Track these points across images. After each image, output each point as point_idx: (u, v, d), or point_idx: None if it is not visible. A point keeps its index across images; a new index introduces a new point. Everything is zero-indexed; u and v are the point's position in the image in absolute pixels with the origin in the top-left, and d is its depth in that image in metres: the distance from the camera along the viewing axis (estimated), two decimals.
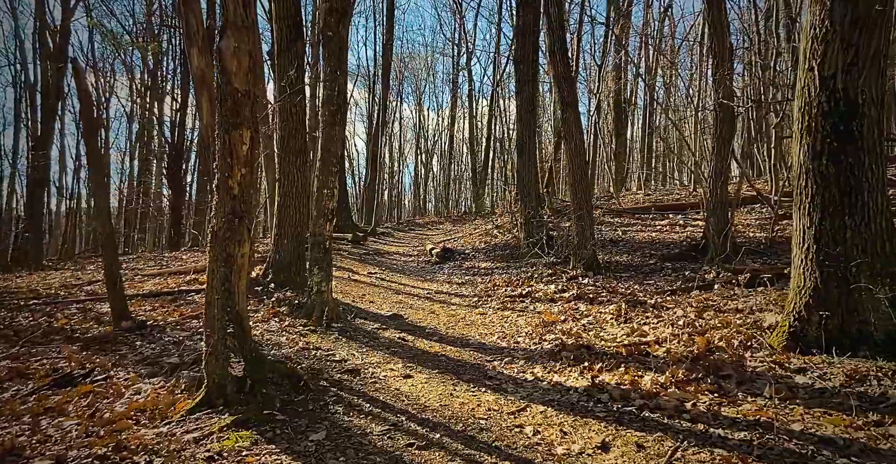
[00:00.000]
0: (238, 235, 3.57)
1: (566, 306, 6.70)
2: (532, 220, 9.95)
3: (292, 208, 7.74)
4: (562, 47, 8.15)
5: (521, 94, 11.41)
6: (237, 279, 3.59)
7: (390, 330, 6.17)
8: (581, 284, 7.72)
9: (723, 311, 5.35)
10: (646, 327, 5.21)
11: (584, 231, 8.21)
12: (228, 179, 3.54)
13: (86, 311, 6.79)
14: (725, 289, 6.11)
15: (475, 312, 7.25)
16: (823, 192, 3.86)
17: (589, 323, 5.82)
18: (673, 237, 9.78)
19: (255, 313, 6.12)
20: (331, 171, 6.10)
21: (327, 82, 6.10)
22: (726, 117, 7.43)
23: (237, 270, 3.58)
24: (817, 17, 3.86)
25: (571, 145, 8.22)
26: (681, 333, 4.61)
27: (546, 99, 29.75)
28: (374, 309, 7.39)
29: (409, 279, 10.35)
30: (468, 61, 30.93)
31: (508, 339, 5.74)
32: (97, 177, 5.49)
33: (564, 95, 8.16)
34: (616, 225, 11.84)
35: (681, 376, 3.61)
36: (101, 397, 3.55)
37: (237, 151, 3.56)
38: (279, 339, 5.18)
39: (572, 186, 8.37)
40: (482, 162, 28.82)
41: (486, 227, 17.36)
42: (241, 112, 3.56)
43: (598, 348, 4.76)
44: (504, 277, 9.21)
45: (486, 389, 4.07)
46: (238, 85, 3.52)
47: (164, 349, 4.72)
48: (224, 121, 3.52)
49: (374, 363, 4.71)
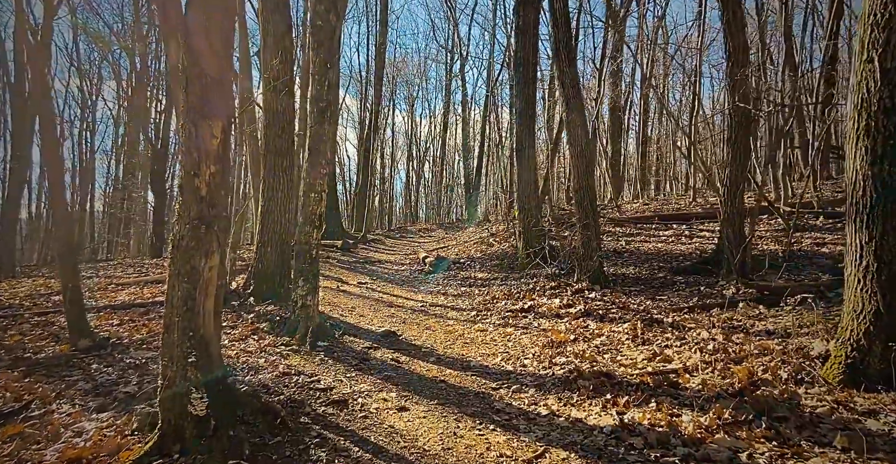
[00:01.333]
0: (205, 245, 2.99)
1: (574, 324, 6.16)
2: (532, 228, 9.42)
3: (277, 214, 7.16)
4: (568, 44, 7.67)
5: (519, 97, 10.91)
6: (203, 297, 2.99)
7: (382, 349, 5.58)
8: (588, 298, 7.18)
9: (753, 333, 4.83)
10: (668, 351, 4.66)
11: (590, 241, 7.69)
12: (195, 177, 2.96)
13: (46, 325, 6.14)
14: (749, 307, 5.60)
15: (474, 328, 6.68)
16: (885, 201, 3.36)
17: (603, 344, 5.27)
18: (680, 249, 9.29)
19: (231, 330, 5.51)
20: (319, 173, 5.53)
21: (316, 77, 5.54)
22: (742, 122, 6.97)
23: (203, 287, 2.99)
24: (878, 1, 3.37)
25: (577, 149, 7.71)
26: (713, 361, 4.07)
27: (539, 106, 29.36)
28: (364, 324, 6.80)
29: (402, 290, 9.76)
30: (462, 67, 30.58)
31: (514, 361, 5.17)
32: (54, 175, 4.88)
33: (570, 96, 7.66)
34: (618, 235, 11.35)
35: (727, 416, 3.06)
36: (30, 441, 2.93)
37: (206, 146, 2.98)
38: (257, 361, 4.58)
39: (577, 192, 7.86)
40: (475, 169, 28.35)
41: (480, 235, 16.83)
42: (210, 100, 2.99)
43: (619, 375, 4.20)
44: (503, 290, 8.65)
45: (495, 426, 3.50)
46: (207, 67, 2.95)
47: (123, 374, 4.09)
48: (190, 110, 2.95)
49: (364, 392, 4.12)
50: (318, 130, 5.54)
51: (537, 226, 9.59)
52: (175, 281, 2.91)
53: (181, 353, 2.86)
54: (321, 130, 5.56)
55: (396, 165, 40.08)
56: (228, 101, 3.09)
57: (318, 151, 5.50)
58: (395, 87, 36.20)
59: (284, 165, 7.21)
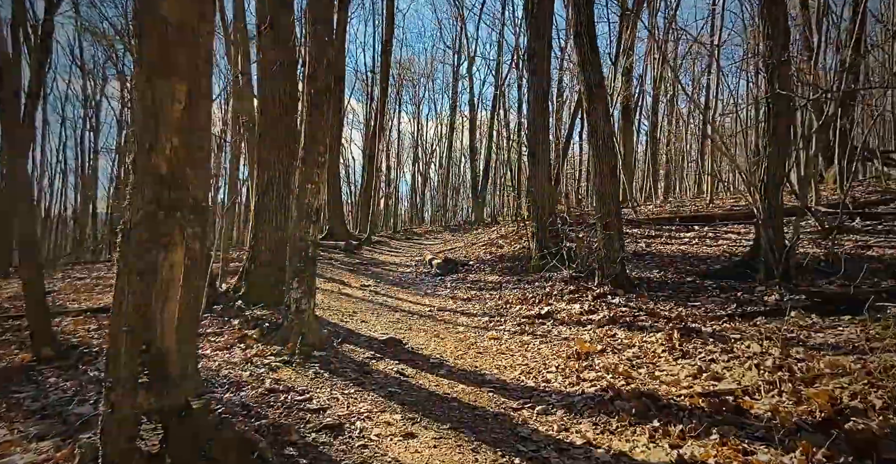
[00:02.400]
0: (164, 236, 2.39)
1: (600, 332, 5.52)
2: (548, 228, 8.79)
3: (272, 210, 6.57)
4: (589, 28, 7.06)
5: (533, 91, 10.32)
6: (162, 302, 2.39)
7: (386, 360, 4.97)
8: (611, 304, 6.54)
9: (812, 347, 4.18)
10: (716, 367, 4.03)
11: (612, 242, 7.06)
12: (151, 152, 2.37)
13: (18, 330, 5.56)
14: (800, 316, 4.95)
15: (487, 335, 6.06)
16: None
17: (635, 357, 4.64)
18: (706, 251, 8.64)
19: (216, 338, 4.92)
20: (316, 162, 4.94)
21: (313, 55, 4.96)
22: (782, 111, 6.33)
23: (162, 288, 2.39)
24: None
25: (598, 142, 7.09)
26: (776, 381, 3.43)
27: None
28: (366, 330, 6.19)
29: (408, 293, 9.15)
30: (469, 67, 29.98)
31: (535, 375, 4.55)
32: (14, 161, 4.30)
33: (591, 84, 7.04)
34: (636, 237, 10.70)
35: (819, 457, 2.43)
36: None
37: (165, 112, 2.39)
38: (240, 375, 3.97)
39: (598, 189, 7.23)
40: (482, 170, 27.75)
41: (489, 236, 16.21)
42: (172, 53, 2.40)
43: (663, 395, 3.57)
44: (517, 294, 8.03)
45: (521, 460, 2.88)
46: (168, 10, 2.36)
47: (81, 390, 3.50)
48: (146, 66, 2.36)
49: (363, 413, 3.50)
50: (317, 115, 4.95)
51: (552, 226, 8.96)
52: (125, 281, 2.32)
53: (129, 372, 2.26)
54: (319, 116, 4.97)
55: (402, 166, 39.60)
56: (197, 58, 2.50)
57: (314, 138, 4.91)
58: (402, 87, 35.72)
59: (281, 156, 6.63)
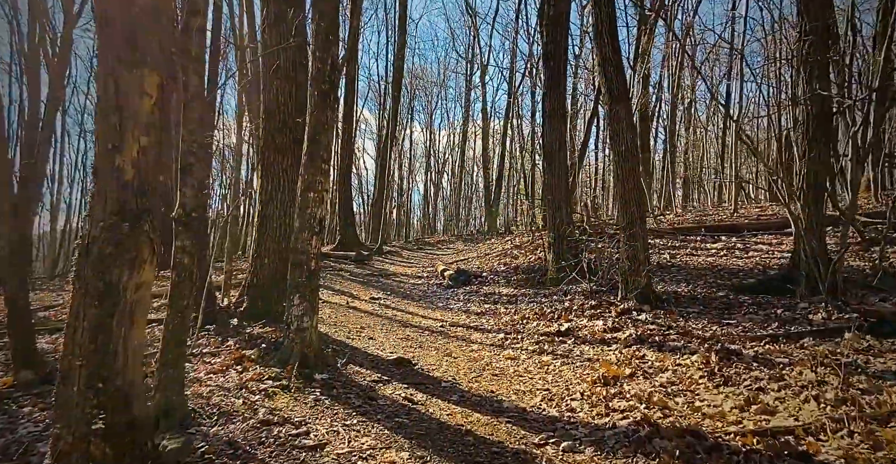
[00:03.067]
0: (128, 252, 2.03)
1: (627, 353, 5.06)
2: (567, 238, 8.35)
3: (276, 220, 6.23)
4: (611, 27, 6.67)
5: (549, 96, 9.93)
6: (125, 329, 2.02)
7: (393, 383, 4.56)
8: (637, 320, 6.08)
9: (874, 374, 3.70)
10: (766, 397, 3.56)
11: (637, 253, 6.60)
12: (115, 153, 2.02)
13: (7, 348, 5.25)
14: (854, 338, 4.45)
15: (503, 354, 5.64)
16: None
17: (670, 382, 4.18)
18: (737, 263, 8.12)
19: (211, 359, 4.55)
20: (319, 168, 4.59)
21: (317, 53, 4.63)
22: (823, 113, 5.87)
23: (126, 312, 2.02)
24: None
25: (621, 147, 6.66)
26: (842, 417, 2.97)
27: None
28: (374, 349, 5.79)
29: (419, 307, 8.74)
30: (482, 75, 29.72)
31: (558, 402, 4.11)
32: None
33: (613, 85, 6.63)
34: (659, 247, 10.19)
35: None
36: None
37: (132, 107, 2.04)
38: (232, 403, 3.59)
39: (622, 196, 6.79)
40: (495, 179, 27.37)
41: (503, 246, 15.76)
42: (140, 39, 2.05)
43: (709, 431, 3.12)
44: (534, 308, 7.58)
45: None
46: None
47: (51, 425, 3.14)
48: (110, 54, 2.01)
49: (365, 450, 3.09)
50: (320, 116, 4.61)
51: (573, 236, 8.52)
52: (80, 304, 1.95)
53: (82, 414, 1.89)
54: (322, 117, 4.63)
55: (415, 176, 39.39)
56: (167, 45, 2.15)
57: (317, 141, 4.56)
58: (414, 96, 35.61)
59: (286, 164, 6.30)
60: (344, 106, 19.73)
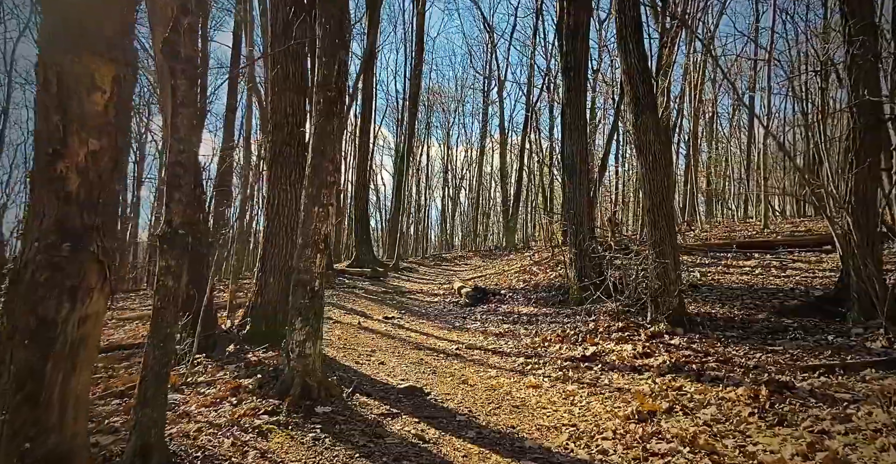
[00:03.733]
0: (70, 278, 1.67)
1: (661, 383, 4.57)
2: (591, 254, 7.88)
3: (282, 237, 5.91)
4: (636, 33, 6.29)
5: (570, 107, 9.59)
6: (64, 374, 1.66)
7: (403, 417, 4.13)
8: (670, 345, 5.57)
9: None
10: (832, 443, 3.05)
11: (668, 271, 6.11)
12: (58, 159, 1.67)
13: None
14: None
15: (524, 382, 5.18)
16: None
17: (715, 420, 3.68)
18: (775, 283, 7.56)
19: (206, 389, 4.18)
20: (325, 181, 4.25)
21: (324, 58, 4.32)
22: (871, 121, 5.39)
23: (67, 353, 1.66)
24: None
25: (649, 158, 6.23)
26: None
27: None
28: (383, 376, 5.38)
29: (434, 327, 8.31)
30: (500, 90, 29.52)
31: (587, 441, 3.64)
32: None
33: (639, 94, 6.23)
34: (688, 264, 9.64)
35: None
36: None
37: (79, 103, 1.70)
38: (221, 443, 3.20)
39: (650, 210, 6.33)
40: (513, 194, 26.97)
41: (522, 263, 15.28)
42: (91, 22, 1.72)
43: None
44: (555, 329, 7.10)
45: None
46: None
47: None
48: (52, 40, 1.68)
49: None
50: (325, 125, 4.29)
51: (594, 253, 8.05)
52: (6, 345, 1.59)
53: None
54: (329, 127, 4.30)
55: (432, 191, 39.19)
56: (127, 29, 1.82)
57: (322, 152, 4.23)
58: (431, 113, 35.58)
59: (293, 179, 6.00)
60: (361, 122, 19.65)
